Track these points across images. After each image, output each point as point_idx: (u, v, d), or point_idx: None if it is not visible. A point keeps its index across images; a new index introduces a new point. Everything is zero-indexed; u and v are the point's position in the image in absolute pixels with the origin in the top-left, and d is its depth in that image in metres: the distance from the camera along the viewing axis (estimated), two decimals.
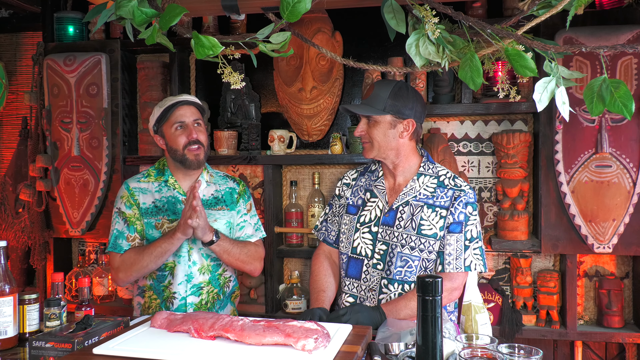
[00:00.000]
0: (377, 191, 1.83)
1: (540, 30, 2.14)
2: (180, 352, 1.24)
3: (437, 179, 1.79)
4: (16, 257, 2.86)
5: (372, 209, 1.82)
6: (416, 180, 1.79)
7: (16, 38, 3.05)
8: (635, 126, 2.14)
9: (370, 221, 1.81)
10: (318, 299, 1.83)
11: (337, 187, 1.96)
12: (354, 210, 1.86)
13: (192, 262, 1.91)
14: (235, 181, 2.08)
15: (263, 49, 1.46)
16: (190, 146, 1.90)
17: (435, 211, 1.75)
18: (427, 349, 1.07)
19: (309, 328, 1.27)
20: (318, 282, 1.89)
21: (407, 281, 1.75)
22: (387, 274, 1.75)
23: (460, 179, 1.81)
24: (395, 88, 1.75)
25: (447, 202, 1.75)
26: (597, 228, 2.18)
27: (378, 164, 1.89)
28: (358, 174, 1.94)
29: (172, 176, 1.97)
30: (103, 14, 1.49)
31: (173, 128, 1.92)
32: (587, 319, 2.44)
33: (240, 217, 2.02)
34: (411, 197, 1.77)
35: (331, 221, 1.96)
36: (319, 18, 2.43)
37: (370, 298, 1.78)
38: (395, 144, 1.77)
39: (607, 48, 1.36)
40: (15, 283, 1.57)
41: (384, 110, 1.73)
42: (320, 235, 1.98)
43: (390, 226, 1.77)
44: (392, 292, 1.75)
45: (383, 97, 1.74)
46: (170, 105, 1.93)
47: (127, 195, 1.95)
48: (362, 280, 1.79)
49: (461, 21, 1.44)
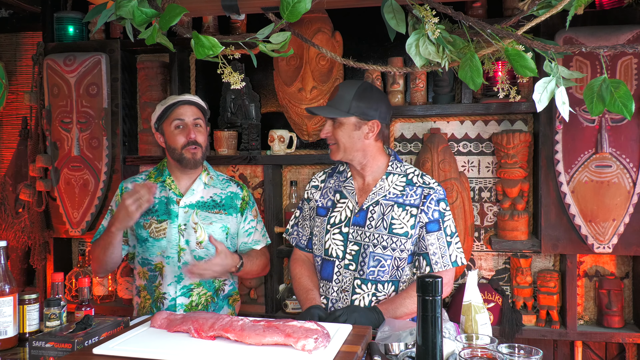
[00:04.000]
0: (347, 192, 1.83)
1: (540, 30, 2.15)
2: (180, 352, 1.24)
3: (406, 177, 1.79)
4: (16, 257, 2.86)
5: (342, 210, 1.81)
6: (385, 179, 1.79)
7: (16, 38, 3.05)
8: (635, 126, 2.14)
9: (341, 222, 1.80)
10: (308, 298, 1.81)
11: (306, 190, 1.95)
12: (323, 212, 1.85)
13: (182, 263, 1.90)
14: (239, 186, 2.06)
15: (263, 49, 1.46)
16: (189, 146, 1.90)
17: (405, 210, 1.74)
18: (427, 349, 1.07)
19: (309, 328, 1.27)
20: (303, 283, 1.87)
21: (380, 281, 1.75)
22: (360, 274, 1.75)
23: (428, 177, 1.80)
24: (360, 89, 1.74)
25: (417, 200, 1.75)
26: (597, 228, 2.18)
27: (346, 164, 1.88)
28: (326, 175, 1.93)
29: (169, 176, 1.97)
30: (103, 14, 1.49)
31: (172, 126, 1.92)
32: (587, 319, 2.44)
33: (248, 224, 2.03)
34: (381, 197, 1.77)
35: (301, 225, 1.95)
36: (319, 18, 2.43)
37: (343, 299, 1.77)
38: (361, 145, 1.76)
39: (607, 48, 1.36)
40: (15, 283, 1.57)
41: (348, 112, 1.72)
42: (293, 240, 1.98)
43: (361, 226, 1.76)
44: (365, 293, 1.75)
45: (347, 99, 1.72)
46: (172, 103, 1.93)
47: (119, 195, 2.00)
48: (335, 282, 1.78)
49: (461, 21, 1.44)
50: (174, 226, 1.90)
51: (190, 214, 1.92)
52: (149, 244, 1.91)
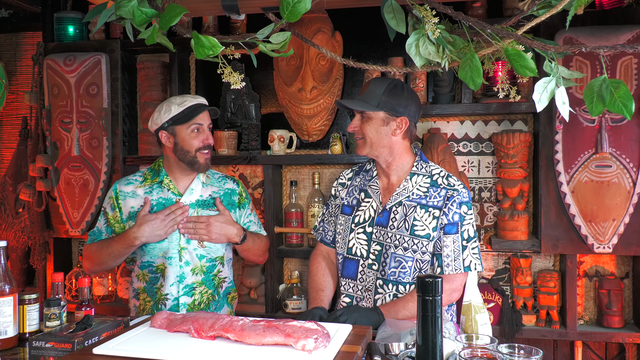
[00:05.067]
0: (371, 191, 1.83)
1: (540, 30, 2.14)
2: (180, 352, 1.24)
3: (431, 179, 1.78)
4: (16, 257, 2.86)
5: (367, 209, 1.82)
6: (409, 180, 1.78)
7: (16, 38, 3.05)
8: (635, 126, 2.14)
9: (365, 221, 1.80)
10: (317, 299, 1.83)
11: (333, 187, 1.96)
12: (348, 210, 1.86)
13: (184, 263, 1.90)
14: (235, 181, 2.08)
15: (263, 49, 1.46)
16: (203, 150, 1.93)
17: (428, 211, 1.73)
18: (427, 349, 1.07)
19: (309, 328, 1.27)
20: (316, 282, 1.89)
21: (401, 282, 1.74)
22: (382, 275, 1.75)
23: (454, 178, 1.79)
24: (391, 85, 1.74)
25: (440, 201, 1.74)
26: (597, 228, 2.18)
27: (373, 163, 1.88)
28: (353, 173, 1.94)
29: (167, 176, 1.96)
30: (103, 14, 1.49)
31: (190, 130, 1.91)
32: (587, 319, 2.44)
33: (247, 217, 2.08)
34: (404, 197, 1.76)
35: (328, 221, 1.96)
36: (319, 18, 2.43)
37: (367, 298, 1.78)
38: (388, 141, 1.76)
39: (607, 48, 1.36)
40: (15, 283, 1.57)
41: (378, 106, 1.73)
42: (318, 236, 1.98)
43: (384, 227, 1.76)
44: (387, 293, 1.75)
45: (377, 94, 1.73)
46: (193, 107, 1.91)
47: (113, 197, 1.97)
48: (359, 281, 1.79)
49: (461, 21, 1.44)
50: None
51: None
52: (150, 247, 1.90)
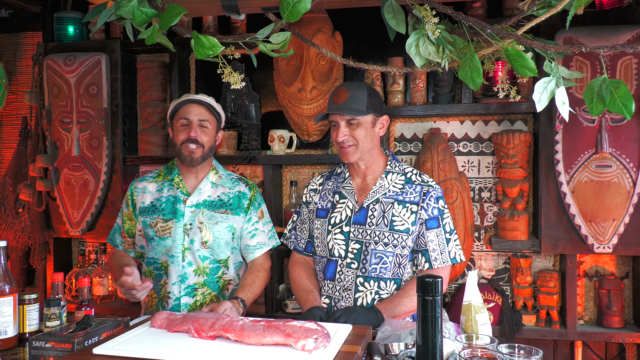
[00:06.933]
0: (346, 192, 1.86)
1: (540, 30, 2.14)
2: (180, 352, 1.24)
3: (405, 176, 1.83)
4: (16, 257, 2.86)
5: (342, 210, 1.84)
6: (385, 177, 1.83)
7: (16, 38, 3.05)
8: (635, 126, 2.14)
9: (341, 221, 1.82)
10: (309, 299, 1.81)
11: (304, 195, 1.97)
12: (323, 213, 1.88)
13: (186, 263, 1.90)
14: (248, 185, 2.04)
15: (263, 49, 1.46)
16: (187, 143, 1.90)
17: (405, 207, 1.78)
18: (427, 349, 1.07)
19: (309, 328, 1.27)
20: (302, 285, 1.88)
21: (382, 278, 1.76)
22: (363, 272, 1.77)
23: (426, 175, 1.85)
24: (369, 88, 1.79)
25: (416, 197, 1.79)
26: (597, 228, 2.18)
27: (344, 166, 1.92)
28: (324, 178, 1.96)
29: (178, 175, 1.98)
30: (103, 14, 1.49)
31: (179, 124, 1.94)
32: (587, 319, 2.44)
33: (252, 225, 1.99)
34: (381, 195, 1.80)
35: (300, 229, 1.97)
36: (319, 18, 2.43)
37: (346, 298, 1.78)
38: (375, 142, 1.82)
39: (607, 48, 1.36)
40: (15, 283, 1.57)
41: (367, 110, 1.76)
42: (291, 244, 1.99)
43: (362, 224, 1.79)
44: (368, 290, 1.76)
45: (363, 98, 1.75)
46: (182, 101, 1.95)
47: (128, 194, 2.02)
48: (337, 281, 1.80)
49: (461, 21, 1.44)
50: (180, 225, 1.90)
51: (196, 214, 1.91)
52: (155, 242, 1.91)
